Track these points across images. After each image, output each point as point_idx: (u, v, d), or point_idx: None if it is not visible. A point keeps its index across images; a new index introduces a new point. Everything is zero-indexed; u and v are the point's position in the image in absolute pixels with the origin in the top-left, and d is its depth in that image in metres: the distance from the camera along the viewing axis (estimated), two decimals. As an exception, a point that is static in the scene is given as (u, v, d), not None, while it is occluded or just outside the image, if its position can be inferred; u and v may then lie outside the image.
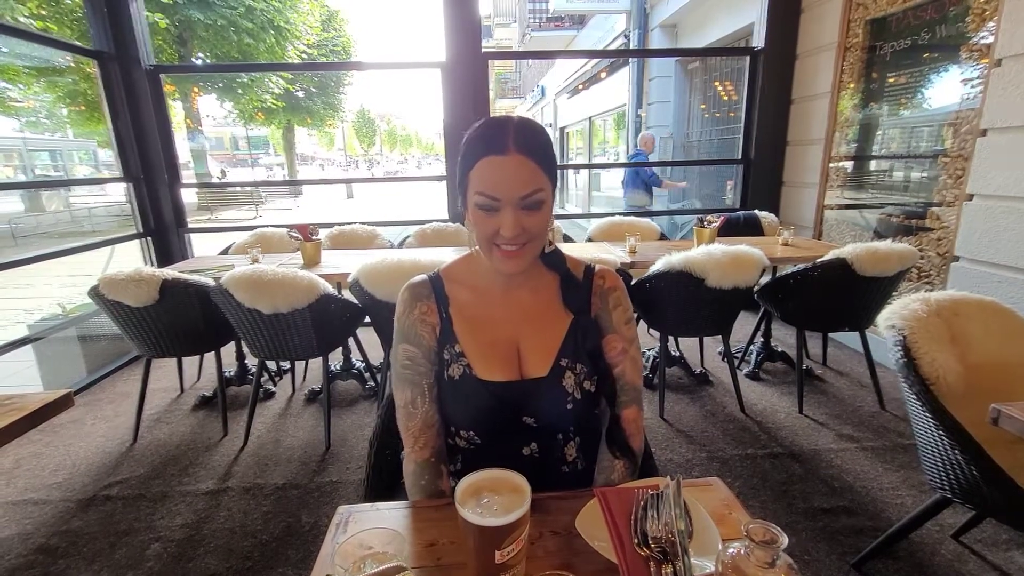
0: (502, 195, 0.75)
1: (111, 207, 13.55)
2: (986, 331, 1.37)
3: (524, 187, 0.75)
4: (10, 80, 8.94)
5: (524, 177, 0.75)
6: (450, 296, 0.89)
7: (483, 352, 0.86)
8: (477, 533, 0.57)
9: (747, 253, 2.16)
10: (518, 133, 0.75)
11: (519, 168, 0.75)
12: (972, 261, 2.41)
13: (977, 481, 1.14)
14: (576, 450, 0.91)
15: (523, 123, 0.78)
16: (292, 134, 20.25)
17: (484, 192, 0.75)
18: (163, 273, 2.10)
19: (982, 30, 2.32)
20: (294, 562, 1.61)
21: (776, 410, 2.46)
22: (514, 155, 0.74)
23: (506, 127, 0.76)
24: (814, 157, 3.42)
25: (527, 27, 14.11)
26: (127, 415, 2.54)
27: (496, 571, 0.57)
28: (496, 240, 0.78)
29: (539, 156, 0.76)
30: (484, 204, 0.76)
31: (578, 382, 0.86)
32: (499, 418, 0.86)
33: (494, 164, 0.75)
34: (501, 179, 0.75)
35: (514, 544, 0.57)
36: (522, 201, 0.75)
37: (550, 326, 0.88)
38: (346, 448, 2.24)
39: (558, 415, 0.87)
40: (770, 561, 0.49)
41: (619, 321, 0.91)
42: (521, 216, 0.76)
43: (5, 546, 1.70)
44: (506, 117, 0.78)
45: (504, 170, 0.74)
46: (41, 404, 1.05)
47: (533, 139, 0.76)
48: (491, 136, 0.76)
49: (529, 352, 0.87)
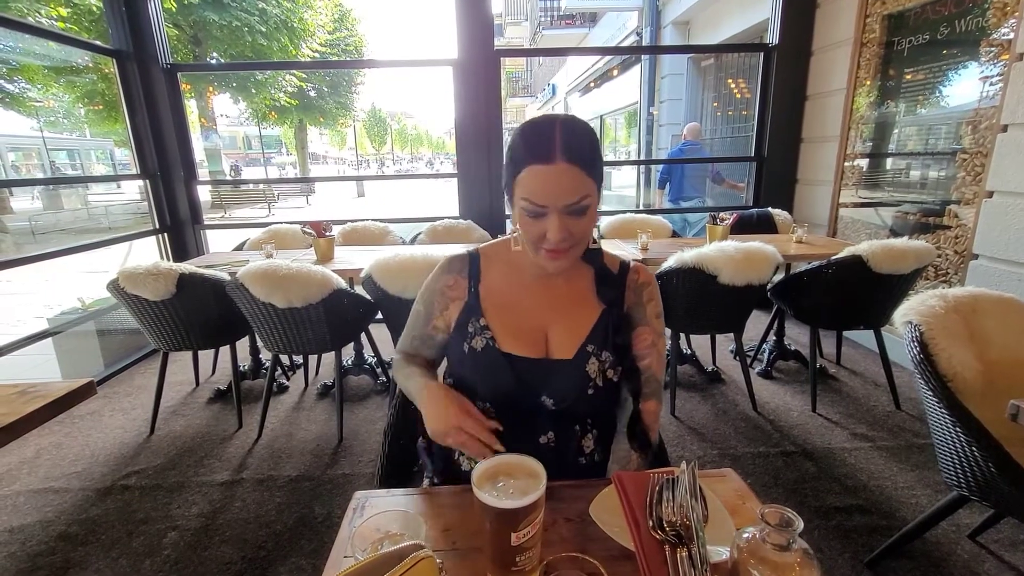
0: (548, 203, 0.75)
1: (127, 205, 13.78)
2: (1005, 328, 1.35)
3: (570, 196, 0.75)
4: (30, 80, 9.12)
5: (570, 186, 0.75)
6: (483, 274, 0.92)
7: (509, 328, 0.88)
8: (494, 515, 0.58)
9: (761, 250, 2.14)
10: (564, 139, 0.74)
11: (565, 177, 0.74)
12: (991, 259, 2.37)
13: (995, 478, 1.13)
14: (594, 442, 0.91)
15: (568, 127, 0.76)
16: (304, 133, 20.41)
17: (530, 199, 0.76)
18: (180, 267, 2.13)
19: (1003, 25, 2.28)
20: (307, 552, 1.63)
21: (789, 409, 2.44)
22: (560, 164, 0.73)
23: (551, 133, 0.75)
24: (829, 154, 3.38)
25: (538, 25, 14.10)
26: (144, 407, 2.59)
27: (512, 553, 0.58)
28: (542, 244, 0.79)
29: (585, 161, 0.75)
30: (530, 210, 0.77)
31: (601, 369, 0.87)
32: (517, 393, 0.87)
33: (540, 173, 0.74)
34: (547, 188, 0.75)
35: (530, 527, 0.58)
36: (568, 208, 0.76)
37: (580, 314, 0.89)
38: (358, 442, 2.26)
39: (577, 399, 0.87)
40: (785, 544, 0.49)
41: (651, 314, 0.93)
42: (567, 221, 0.76)
43: (27, 533, 1.75)
44: (551, 120, 0.77)
45: (550, 179, 0.74)
46: (64, 392, 1.07)
47: (578, 144, 0.75)
48: (536, 143, 0.75)
49: (557, 336, 0.88)
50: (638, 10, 7.85)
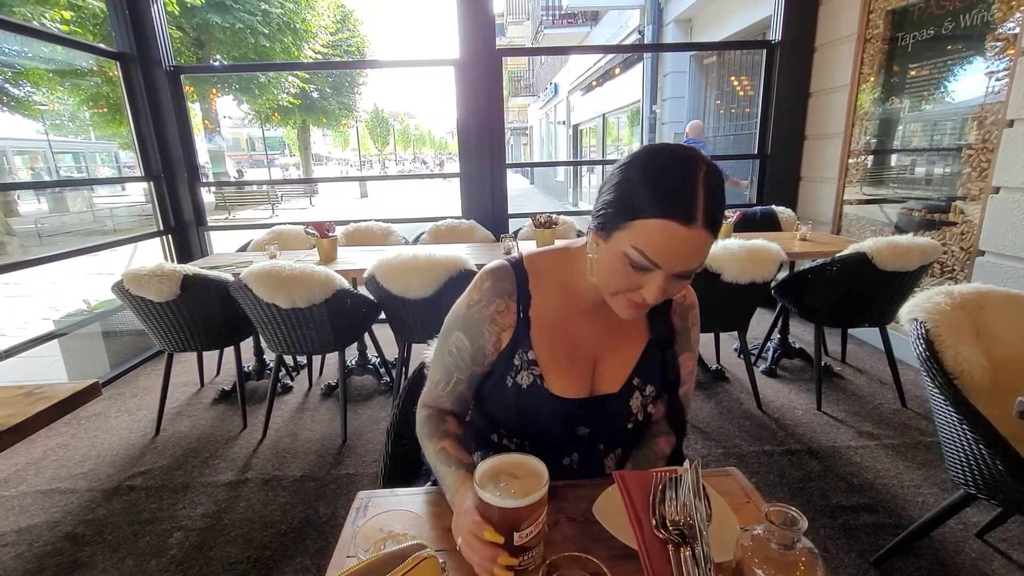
0: (666, 265, 0.65)
1: (132, 207, 13.86)
2: (1013, 325, 1.34)
3: (695, 263, 0.66)
4: (35, 83, 9.17)
5: (700, 254, 0.66)
6: (533, 295, 0.81)
7: (559, 364, 0.79)
8: (496, 514, 0.57)
9: (764, 247, 2.13)
10: (708, 199, 0.63)
11: (701, 244, 0.64)
12: (998, 256, 2.35)
13: (1003, 476, 1.12)
14: (615, 461, 0.89)
15: (713, 182, 0.64)
16: (307, 134, 20.46)
17: (647, 255, 0.65)
18: (184, 268, 2.14)
19: (1009, 19, 2.27)
20: (312, 552, 1.63)
21: (794, 407, 2.43)
22: (700, 231, 0.63)
23: (695, 189, 0.63)
24: (833, 151, 3.36)
25: (540, 24, 14.09)
26: (150, 408, 2.60)
27: (515, 553, 0.58)
28: (630, 295, 0.70)
29: (717, 228, 0.65)
30: (639, 263, 0.66)
31: (643, 404, 0.84)
32: (556, 429, 0.82)
33: (675, 234, 0.63)
34: (675, 252, 0.64)
35: (532, 526, 0.58)
36: (683, 273, 0.67)
37: (629, 342, 0.84)
38: (362, 442, 2.26)
39: (615, 431, 0.84)
40: (790, 544, 0.49)
41: (695, 340, 0.91)
42: (671, 283, 0.68)
43: (34, 533, 1.76)
44: (694, 168, 0.64)
45: (685, 244, 0.64)
46: (69, 393, 1.08)
47: (719, 205, 0.65)
48: (681, 196, 0.63)
49: (604, 368, 0.82)
50: (640, 8, 7.82)
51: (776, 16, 3.49)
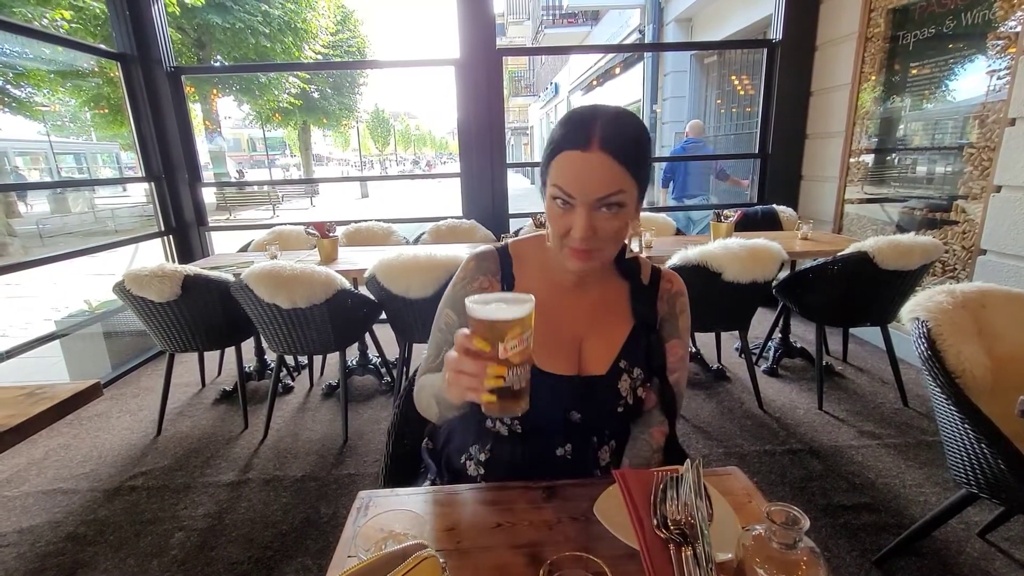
0: (577, 193, 0.70)
1: (133, 208, 13.87)
2: (1014, 324, 1.34)
3: (601, 188, 0.69)
4: (36, 85, 9.19)
5: (604, 177, 0.69)
6: (517, 277, 0.86)
7: (544, 342, 0.81)
8: (483, 328, 0.60)
9: (765, 247, 2.13)
10: (606, 127, 0.69)
11: (599, 167, 0.69)
12: (1000, 254, 2.34)
13: (1005, 475, 1.12)
14: (610, 454, 0.89)
15: (614, 117, 0.71)
16: (308, 135, 20.48)
17: (560, 187, 0.71)
18: (185, 269, 2.14)
19: (1011, 18, 2.26)
20: (313, 552, 1.63)
21: (795, 406, 2.43)
22: (596, 152, 0.68)
23: (594, 119, 0.70)
24: (834, 150, 3.36)
25: (540, 24, 14.09)
26: (151, 408, 2.60)
27: (500, 368, 0.60)
28: (567, 240, 0.74)
29: (625, 155, 0.69)
30: (559, 198, 0.72)
31: (632, 387, 0.84)
32: (547, 410, 0.83)
33: (574, 160, 0.70)
34: (578, 176, 0.70)
35: (516, 340, 0.59)
36: (598, 203, 0.71)
37: (614, 326, 0.86)
38: (363, 442, 2.26)
39: (606, 416, 0.85)
40: (791, 543, 0.49)
41: (684, 327, 0.90)
42: (596, 218, 0.71)
43: (36, 533, 1.76)
44: (595, 108, 0.72)
45: (583, 167, 0.69)
46: (71, 393, 1.08)
47: (621, 135, 0.70)
48: (576, 127, 0.70)
49: (590, 350, 0.84)
50: (640, 7, 7.81)
51: (777, 15, 3.49)
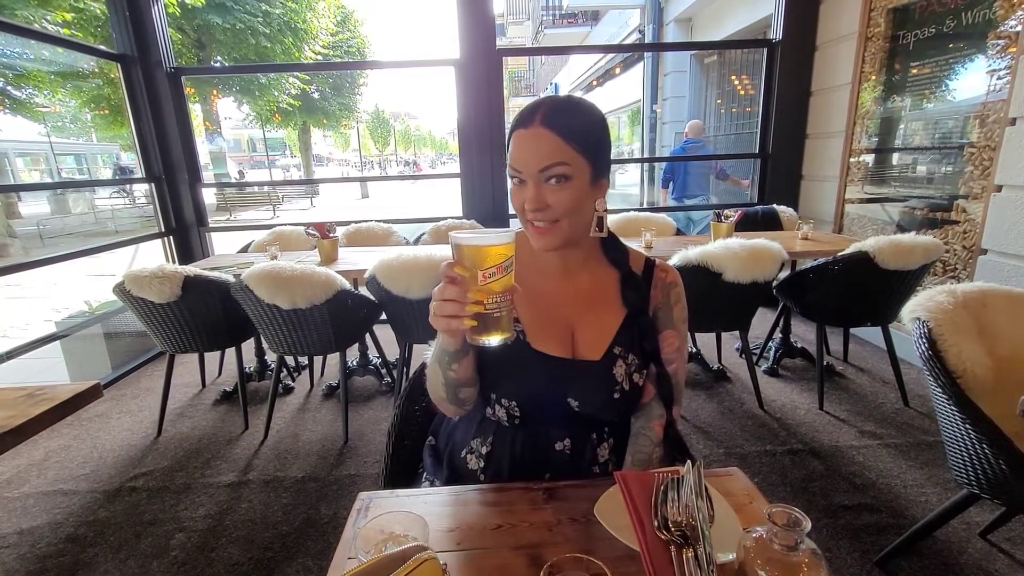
0: (523, 167, 0.76)
1: (133, 209, 13.88)
2: (1016, 324, 1.34)
3: (543, 160, 0.75)
4: (37, 86, 9.20)
5: (544, 150, 0.75)
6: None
7: (539, 324, 0.86)
8: (463, 254, 0.63)
9: (766, 247, 2.13)
10: (550, 109, 0.76)
11: (539, 141, 0.75)
12: (1000, 254, 2.34)
13: (1006, 475, 1.12)
14: (609, 451, 0.89)
15: (562, 100, 0.79)
16: (308, 135, 20.47)
17: (510, 164, 0.78)
18: (185, 270, 2.14)
19: (1011, 18, 2.26)
20: (313, 553, 1.63)
21: (796, 406, 2.43)
22: (537, 128, 0.75)
23: (541, 103, 0.77)
24: (834, 150, 3.35)
25: (540, 25, 14.09)
26: (151, 409, 2.60)
27: (480, 294, 0.63)
28: (526, 215, 0.79)
29: (566, 130, 0.75)
30: (514, 177, 0.79)
31: (628, 372, 0.85)
32: (545, 393, 0.85)
33: (520, 137, 0.77)
34: (523, 151, 0.76)
35: (495, 268, 0.62)
36: (542, 174, 0.76)
37: (606, 315, 0.88)
38: (363, 443, 2.26)
39: (603, 403, 0.85)
40: (793, 544, 0.48)
41: (679, 318, 0.91)
42: (544, 190, 0.76)
43: (36, 535, 1.76)
44: (551, 95, 0.80)
45: (527, 142, 0.76)
46: (71, 394, 1.08)
47: (563, 114, 0.76)
48: (525, 111, 0.78)
49: (583, 336, 0.87)
50: (640, 7, 7.82)
51: (777, 15, 3.49)
